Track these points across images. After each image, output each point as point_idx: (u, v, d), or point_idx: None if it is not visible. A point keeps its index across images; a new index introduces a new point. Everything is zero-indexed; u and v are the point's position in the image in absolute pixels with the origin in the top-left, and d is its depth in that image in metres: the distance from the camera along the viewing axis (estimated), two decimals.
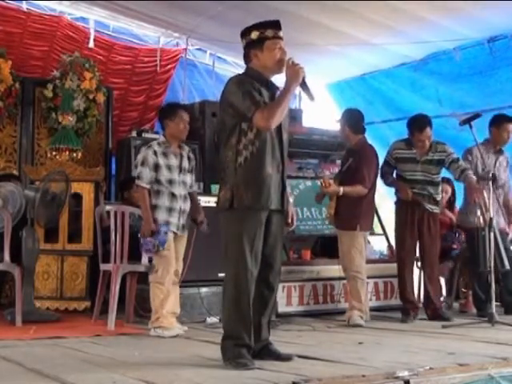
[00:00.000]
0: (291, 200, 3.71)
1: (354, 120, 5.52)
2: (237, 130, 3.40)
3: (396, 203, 5.81)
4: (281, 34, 3.48)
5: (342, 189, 5.30)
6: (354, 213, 5.36)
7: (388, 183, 5.87)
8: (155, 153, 4.76)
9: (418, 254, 5.80)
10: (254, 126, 3.36)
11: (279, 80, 3.58)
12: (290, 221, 3.63)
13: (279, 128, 3.48)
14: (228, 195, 3.39)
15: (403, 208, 5.67)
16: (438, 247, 5.76)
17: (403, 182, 5.65)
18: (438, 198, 5.69)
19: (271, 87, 3.52)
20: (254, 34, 3.46)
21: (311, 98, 3.55)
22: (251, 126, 3.38)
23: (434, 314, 5.55)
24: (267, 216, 3.44)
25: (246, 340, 3.34)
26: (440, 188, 5.74)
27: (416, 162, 5.61)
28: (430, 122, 5.63)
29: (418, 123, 5.59)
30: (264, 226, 3.42)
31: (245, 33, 3.51)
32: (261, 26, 3.47)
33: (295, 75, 3.39)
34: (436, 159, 5.60)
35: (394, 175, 5.82)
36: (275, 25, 3.48)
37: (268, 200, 3.40)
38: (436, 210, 5.67)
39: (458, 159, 5.59)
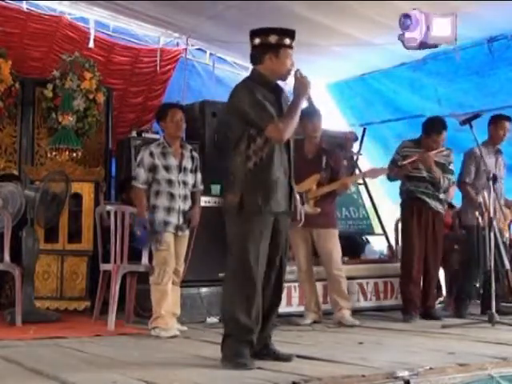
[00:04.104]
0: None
1: None
2: (246, 136, 3.45)
3: (402, 204, 5.82)
4: (293, 44, 3.53)
5: None
6: (334, 211, 5.48)
7: (393, 176, 5.82)
8: (151, 154, 4.77)
9: None
10: (267, 137, 3.41)
11: None
12: (298, 217, 3.68)
13: None
14: (237, 199, 3.43)
15: (409, 209, 5.69)
16: (442, 248, 5.80)
17: (408, 181, 5.67)
18: (442, 196, 5.72)
19: (276, 90, 3.56)
20: (273, 38, 3.47)
21: (314, 110, 3.62)
22: (260, 132, 3.42)
23: (427, 312, 5.62)
24: (275, 218, 3.49)
25: (248, 337, 3.37)
26: (442, 189, 5.75)
27: None
28: (447, 126, 5.68)
29: (438, 125, 5.64)
30: (272, 228, 3.47)
31: (260, 33, 3.51)
32: (281, 31, 3.49)
33: (304, 87, 3.48)
34: (441, 162, 5.64)
35: None
36: (292, 34, 3.52)
37: (277, 204, 3.45)
38: (441, 209, 5.72)
39: (452, 172, 5.71)
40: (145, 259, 5.20)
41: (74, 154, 6.74)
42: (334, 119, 9.00)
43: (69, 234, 6.13)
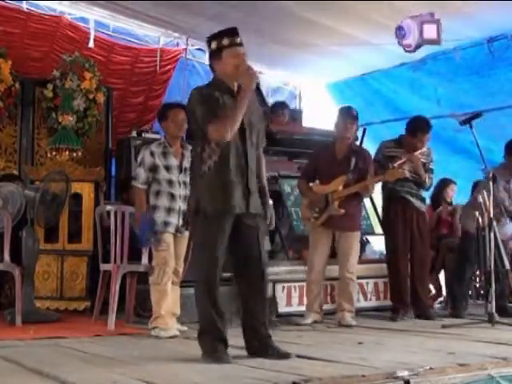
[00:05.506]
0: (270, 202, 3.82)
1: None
2: (201, 139, 3.49)
3: (385, 203, 5.86)
4: (238, 40, 3.53)
5: None
6: (359, 213, 5.44)
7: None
8: (152, 153, 4.77)
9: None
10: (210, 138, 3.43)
11: None
12: (268, 222, 3.72)
13: (243, 134, 3.52)
14: (193, 202, 3.52)
15: (392, 207, 5.72)
16: (428, 246, 5.84)
17: (393, 181, 5.66)
18: (424, 195, 5.78)
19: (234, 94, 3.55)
20: (214, 45, 3.54)
21: (264, 104, 3.66)
22: None
23: (421, 312, 5.62)
24: (237, 220, 3.51)
25: (220, 335, 3.49)
26: (426, 188, 5.80)
27: None
28: (431, 125, 5.68)
29: (423, 125, 5.63)
30: (232, 230, 3.50)
31: (207, 45, 3.60)
32: (218, 35, 3.54)
33: (248, 80, 3.47)
34: (423, 161, 5.65)
35: None
36: (231, 32, 3.54)
37: (230, 206, 3.46)
38: (423, 208, 5.78)
39: (432, 171, 5.70)
40: (145, 259, 5.20)
41: (74, 154, 6.75)
42: (334, 119, 8.98)
43: (69, 234, 6.14)
